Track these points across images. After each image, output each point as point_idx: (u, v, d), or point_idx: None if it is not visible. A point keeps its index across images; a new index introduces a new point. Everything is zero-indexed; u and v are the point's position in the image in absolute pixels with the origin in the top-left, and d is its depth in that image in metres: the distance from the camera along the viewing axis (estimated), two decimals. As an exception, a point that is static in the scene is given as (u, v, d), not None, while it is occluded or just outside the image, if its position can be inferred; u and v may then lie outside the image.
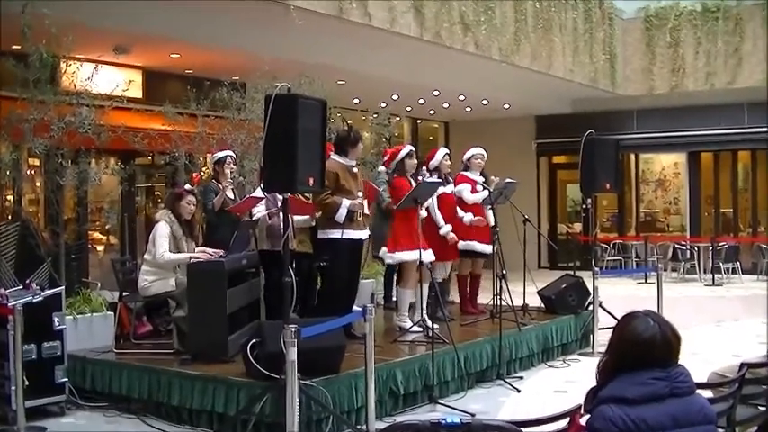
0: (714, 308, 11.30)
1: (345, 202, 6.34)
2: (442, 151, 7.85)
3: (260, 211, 6.93)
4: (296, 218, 6.84)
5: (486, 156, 8.14)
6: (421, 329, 6.75)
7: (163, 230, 6.21)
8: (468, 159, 8.09)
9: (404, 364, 5.89)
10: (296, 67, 8.77)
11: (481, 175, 8.05)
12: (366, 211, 7.10)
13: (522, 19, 12.36)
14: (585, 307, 8.31)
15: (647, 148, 16.22)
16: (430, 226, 7.24)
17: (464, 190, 7.86)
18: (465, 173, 8.04)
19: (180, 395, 5.52)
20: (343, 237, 6.38)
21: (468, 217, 7.65)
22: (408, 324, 6.93)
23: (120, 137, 7.74)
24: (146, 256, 6.35)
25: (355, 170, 6.58)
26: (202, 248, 6.45)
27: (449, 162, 7.84)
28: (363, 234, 6.62)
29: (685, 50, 14.78)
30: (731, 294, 12.94)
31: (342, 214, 6.32)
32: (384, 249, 7.05)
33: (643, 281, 14.42)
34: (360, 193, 6.47)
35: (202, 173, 8.06)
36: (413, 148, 7.33)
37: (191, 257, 6.15)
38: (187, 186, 6.58)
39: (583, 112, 15.83)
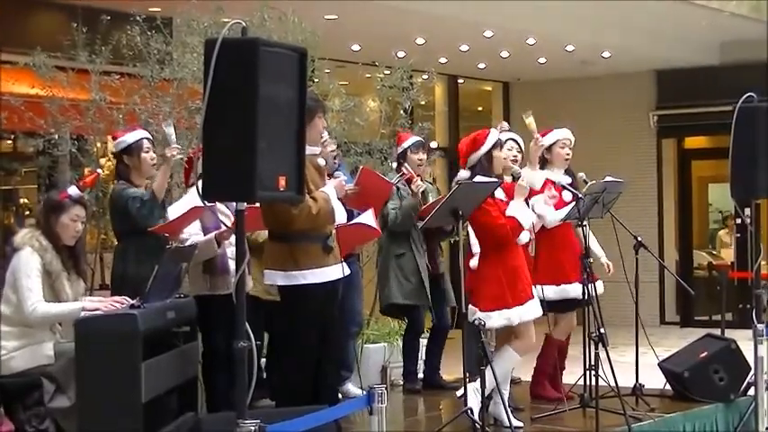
0: None
1: (331, 191, 6.46)
2: (502, 134, 7.92)
3: (194, 232, 7.00)
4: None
5: (572, 141, 8.22)
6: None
7: (28, 265, 6.27)
8: (550, 148, 8.16)
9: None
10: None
11: (566, 173, 8.11)
12: (373, 223, 7.17)
13: None
14: (743, 390, 8.35)
15: None
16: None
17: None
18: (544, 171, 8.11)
19: None
20: (331, 278, 6.48)
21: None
22: (504, 415, 6.97)
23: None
24: (2, 309, 6.42)
25: (322, 163, 6.69)
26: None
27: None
28: (346, 267, 6.72)
29: None
30: None
31: (341, 210, 6.47)
32: (474, 309, 7.10)
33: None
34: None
35: (102, 168, 8.12)
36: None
37: (82, 309, 6.21)
38: (71, 190, 6.61)
39: (737, 64, 15.84)
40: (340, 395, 7.37)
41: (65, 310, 6.23)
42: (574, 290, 7.87)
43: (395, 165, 8.71)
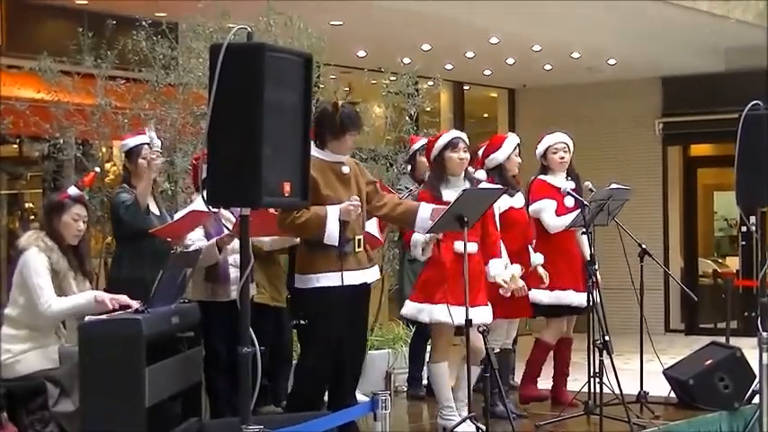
0: None
1: (332, 210, 6.43)
2: (512, 140, 7.90)
3: (198, 238, 7.00)
4: (259, 240, 6.95)
5: (571, 146, 8.19)
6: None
7: (36, 264, 6.27)
8: (544, 154, 8.14)
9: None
10: (261, -1, 8.90)
11: (569, 177, 8.09)
12: (376, 233, 7.17)
13: None
14: (748, 398, 8.33)
15: None
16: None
17: (545, 209, 7.90)
18: (544, 177, 8.10)
19: None
20: (344, 283, 6.48)
21: (537, 259, 7.72)
22: (454, 421, 6.98)
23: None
24: (7, 311, 6.39)
25: (346, 171, 6.66)
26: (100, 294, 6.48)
27: (518, 159, 7.89)
28: (370, 274, 6.73)
29: None
30: None
31: (333, 231, 6.42)
32: (410, 304, 7.14)
33: None
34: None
35: (106, 171, 8.09)
36: (460, 136, 7.36)
37: (95, 299, 6.20)
38: (71, 190, 6.61)
39: (742, 71, 15.84)
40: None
41: (78, 302, 6.23)
42: (567, 297, 7.88)
43: (409, 167, 8.81)
